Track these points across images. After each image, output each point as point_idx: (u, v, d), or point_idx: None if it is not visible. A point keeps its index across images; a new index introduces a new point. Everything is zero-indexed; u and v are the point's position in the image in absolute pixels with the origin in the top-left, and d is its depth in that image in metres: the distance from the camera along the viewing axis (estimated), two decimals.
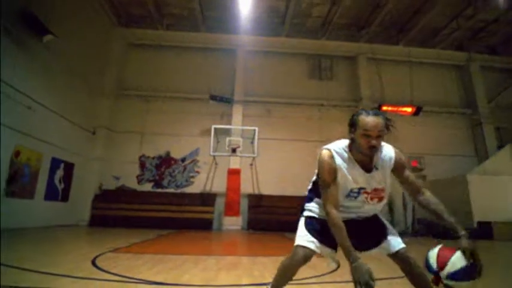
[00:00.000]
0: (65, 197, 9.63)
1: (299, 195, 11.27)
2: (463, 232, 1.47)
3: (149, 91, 12.44)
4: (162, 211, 10.63)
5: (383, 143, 1.65)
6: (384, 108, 12.08)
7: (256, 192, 11.54)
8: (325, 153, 1.66)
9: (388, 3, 11.10)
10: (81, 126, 10.48)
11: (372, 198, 1.67)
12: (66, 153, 9.60)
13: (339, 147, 1.67)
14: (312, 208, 1.80)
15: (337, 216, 1.55)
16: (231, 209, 10.80)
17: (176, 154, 12.02)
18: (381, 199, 1.69)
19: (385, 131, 1.58)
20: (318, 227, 1.69)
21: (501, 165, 11.08)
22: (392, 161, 1.65)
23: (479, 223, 9.43)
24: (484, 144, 12.62)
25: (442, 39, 13.38)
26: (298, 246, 1.65)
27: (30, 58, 7.89)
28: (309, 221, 1.73)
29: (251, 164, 11.60)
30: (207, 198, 11.29)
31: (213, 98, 11.81)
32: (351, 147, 1.64)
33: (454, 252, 1.46)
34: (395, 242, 1.67)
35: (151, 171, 11.82)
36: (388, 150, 1.67)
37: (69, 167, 9.79)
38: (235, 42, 13.05)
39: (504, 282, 3.19)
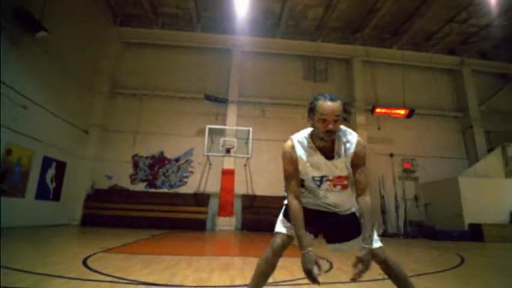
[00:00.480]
0: (56, 196, 9.51)
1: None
2: (366, 246, 1.54)
3: (143, 90, 12.36)
4: (155, 211, 10.55)
5: (350, 131, 1.66)
6: (378, 110, 12.22)
7: (250, 192, 11.55)
8: (286, 144, 1.68)
9: (382, 7, 11.22)
10: (74, 124, 10.36)
11: (334, 186, 1.67)
12: (58, 151, 9.48)
13: (301, 136, 1.69)
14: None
15: (295, 206, 1.61)
16: (225, 209, 10.78)
17: (170, 154, 11.96)
18: (344, 187, 1.67)
19: (343, 115, 1.58)
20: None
21: (491, 167, 11.31)
22: (352, 151, 1.62)
23: (470, 225, 9.57)
24: (474, 147, 12.82)
25: (435, 43, 13.58)
26: (276, 232, 1.73)
27: (23, 55, 7.79)
28: (287, 209, 1.72)
29: (245, 165, 11.61)
30: (200, 199, 11.25)
31: (208, 98, 11.78)
32: (312, 135, 1.66)
33: None
34: (370, 240, 1.61)
35: (144, 170, 11.73)
36: (351, 139, 1.64)
37: (61, 166, 9.67)
38: (230, 43, 13.05)
39: (500, 285, 3.24)
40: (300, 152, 1.65)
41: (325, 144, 1.60)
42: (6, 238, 5.29)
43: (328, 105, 1.53)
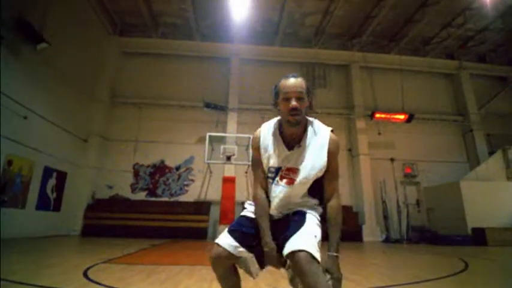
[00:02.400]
0: (56, 207, 9.49)
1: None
2: (332, 253, 1.33)
3: (143, 99, 12.43)
4: (155, 220, 10.51)
5: (323, 125, 1.52)
6: (377, 115, 12.26)
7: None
8: (255, 133, 1.58)
9: (379, 14, 11.34)
10: (75, 134, 10.39)
11: (281, 178, 1.47)
12: (59, 161, 9.49)
13: (270, 123, 1.56)
14: (247, 206, 1.63)
15: (260, 197, 1.49)
16: (226, 217, 10.71)
17: (170, 162, 11.96)
18: (290, 181, 1.45)
19: (307, 92, 1.45)
20: (243, 227, 1.49)
21: (493, 170, 11.27)
22: (327, 143, 1.45)
23: (473, 229, 9.50)
24: (475, 150, 12.81)
25: (433, 48, 13.68)
26: (215, 243, 1.48)
27: (23, 65, 7.85)
28: (238, 220, 1.56)
29: (246, 172, 11.59)
30: (201, 207, 11.21)
31: (208, 105, 11.83)
32: (281, 123, 1.52)
33: None
34: (297, 243, 1.26)
35: (145, 179, 11.71)
36: (324, 133, 1.47)
37: (61, 176, 9.67)
38: (229, 51, 13.16)
39: None
40: (263, 139, 1.52)
41: (293, 132, 1.46)
42: (5, 249, 5.26)
43: (289, 81, 1.45)
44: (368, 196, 11.66)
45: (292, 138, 1.47)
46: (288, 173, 1.46)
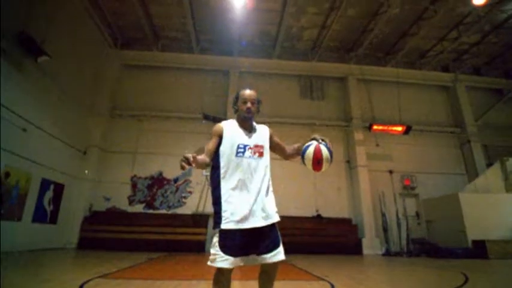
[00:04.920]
0: (53, 219, 9.37)
1: (292, 215, 11.22)
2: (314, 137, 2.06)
3: (143, 111, 12.48)
4: (153, 233, 10.38)
5: (259, 124, 2.23)
6: (375, 127, 12.31)
7: None
8: (217, 125, 2.16)
9: (375, 28, 11.57)
10: (73, 146, 10.37)
11: (254, 153, 2.06)
12: (57, 174, 9.44)
13: (229, 121, 2.19)
14: (224, 215, 1.94)
15: (202, 160, 2.01)
16: None
17: (169, 174, 11.91)
18: (261, 154, 2.08)
19: (257, 101, 2.17)
20: (231, 241, 1.86)
21: (491, 182, 11.26)
22: (268, 130, 2.21)
23: (474, 242, 9.43)
24: (473, 162, 12.84)
25: (428, 61, 13.90)
26: (219, 269, 1.87)
27: (23, 78, 7.90)
28: (222, 236, 1.89)
29: None
30: (199, 219, 11.09)
31: (206, 117, 11.87)
32: (237, 120, 2.18)
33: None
34: (280, 255, 1.90)
35: (143, 191, 11.64)
36: (263, 126, 2.23)
37: (58, 188, 9.60)
38: (228, 64, 13.33)
39: None
40: (227, 127, 2.10)
41: (247, 124, 2.14)
42: (2, 263, 5.17)
43: (247, 91, 2.18)
44: (367, 208, 11.60)
45: (245, 128, 2.14)
46: (258, 148, 2.08)
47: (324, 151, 1.94)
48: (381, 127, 12.41)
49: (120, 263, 6.04)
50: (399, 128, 12.35)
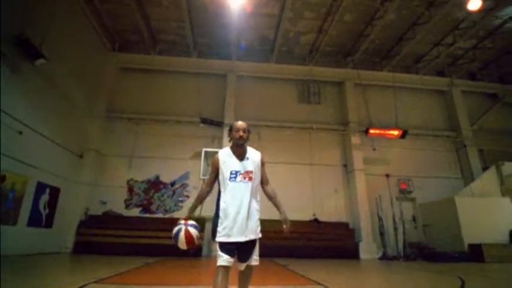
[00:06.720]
0: (48, 223, 9.28)
1: (290, 220, 11.18)
2: (284, 212, 2.55)
3: (140, 114, 12.45)
4: (149, 237, 10.30)
5: (253, 149, 2.63)
6: (371, 131, 12.36)
7: None
8: (215, 156, 2.55)
9: (371, 33, 11.68)
10: (70, 149, 10.31)
11: (244, 177, 2.42)
12: (53, 177, 9.36)
13: (224, 149, 2.59)
14: (218, 229, 2.37)
15: (204, 189, 2.68)
16: None
17: (165, 178, 11.87)
18: (250, 178, 2.44)
19: (248, 130, 2.55)
20: (227, 248, 2.31)
21: (487, 186, 11.34)
22: (259, 158, 2.57)
23: (470, 245, 9.46)
24: (469, 166, 12.93)
25: (424, 66, 14.04)
26: (219, 266, 2.30)
27: (20, 81, 7.87)
28: (222, 245, 2.33)
29: None
30: (196, 224, 11.02)
31: (204, 121, 11.88)
32: (231, 147, 2.56)
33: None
34: (254, 262, 2.46)
35: (139, 195, 11.58)
36: (255, 152, 2.61)
37: (54, 192, 9.52)
38: (225, 68, 13.37)
39: None
40: (222, 157, 2.51)
41: (240, 151, 2.50)
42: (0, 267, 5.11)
43: (239, 122, 2.57)
44: (364, 212, 11.62)
45: (239, 155, 2.51)
46: (248, 173, 2.44)
47: (193, 232, 2.42)
48: (377, 131, 12.47)
49: (115, 267, 5.99)
50: (396, 132, 12.42)
